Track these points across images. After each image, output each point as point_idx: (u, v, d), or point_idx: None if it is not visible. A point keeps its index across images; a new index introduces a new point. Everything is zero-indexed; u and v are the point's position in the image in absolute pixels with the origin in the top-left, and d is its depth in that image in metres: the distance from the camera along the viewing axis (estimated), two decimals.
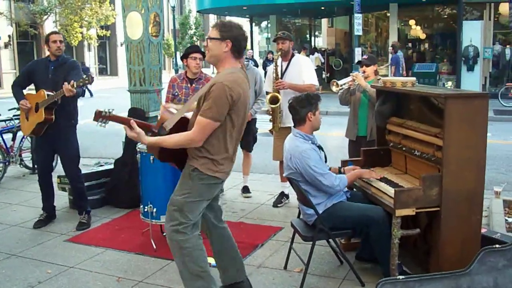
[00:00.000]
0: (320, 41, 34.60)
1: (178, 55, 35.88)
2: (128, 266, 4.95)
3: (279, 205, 6.77)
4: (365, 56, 6.43)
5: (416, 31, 25.94)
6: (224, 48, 3.74)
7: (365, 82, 5.90)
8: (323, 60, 25.55)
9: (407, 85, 4.60)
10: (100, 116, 3.69)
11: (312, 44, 32.49)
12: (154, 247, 5.30)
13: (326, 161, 4.66)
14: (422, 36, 26.02)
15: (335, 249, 4.86)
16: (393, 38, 23.93)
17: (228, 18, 40.98)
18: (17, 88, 6.04)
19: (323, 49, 28.34)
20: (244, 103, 3.79)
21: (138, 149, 5.39)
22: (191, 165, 3.79)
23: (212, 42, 3.78)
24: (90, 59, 39.79)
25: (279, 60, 6.63)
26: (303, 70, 6.53)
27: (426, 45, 26.35)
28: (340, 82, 6.01)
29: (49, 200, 6.26)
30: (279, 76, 6.52)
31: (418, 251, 4.61)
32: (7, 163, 8.43)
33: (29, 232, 5.95)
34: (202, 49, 6.06)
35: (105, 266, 4.97)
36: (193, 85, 6.25)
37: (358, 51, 19.19)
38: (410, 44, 26.61)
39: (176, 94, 6.28)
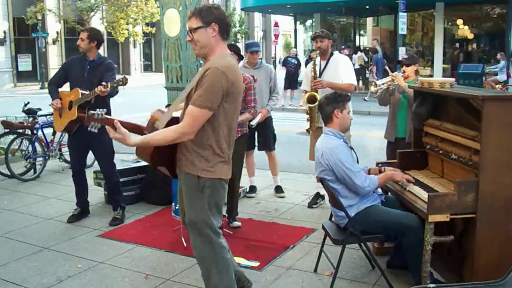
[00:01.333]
0: (365, 40, 34.20)
1: None
2: (157, 264, 4.94)
3: (314, 206, 6.66)
4: (405, 56, 6.28)
5: (464, 31, 25.36)
6: (212, 33, 3.45)
7: (404, 83, 5.74)
8: (366, 59, 25.23)
9: (445, 86, 4.44)
10: (93, 119, 3.31)
11: (357, 42, 32.11)
12: (185, 245, 5.27)
13: (358, 162, 4.55)
14: (470, 36, 25.42)
15: (366, 253, 4.74)
16: (438, 38, 23.52)
17: (272, 17, 40.86)
18: (53, 87, 6.08)
19: (367, 48, 27.98)
20: (238, 93, 3.49)
21: None
22: (191, 174, 3.49)
23: (197, 33, 3.45)
24: (136, 56, 40.38)
25: (318, 59, 6.54)
26: (342, 69, 6.42)
27: (474, 46, 25.76)
28: (378, 82, 5.90)
29: (82, 195, 6.32)
30: (317, 75, 6.42)
31: (453, 258, 4.45)
32: (47, 157, 8.59)
33: (62, 226, 6.02)
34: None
35: (134, 262, 4.98)
36: None
37: (402, 50, 19.00)
38: (457, 44, 26.05)
39: None
